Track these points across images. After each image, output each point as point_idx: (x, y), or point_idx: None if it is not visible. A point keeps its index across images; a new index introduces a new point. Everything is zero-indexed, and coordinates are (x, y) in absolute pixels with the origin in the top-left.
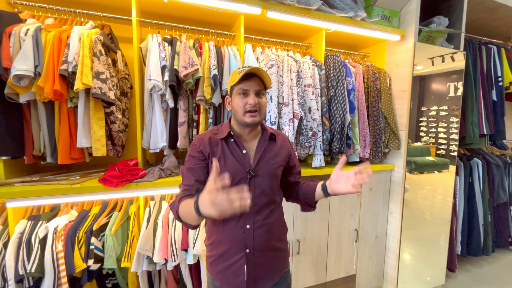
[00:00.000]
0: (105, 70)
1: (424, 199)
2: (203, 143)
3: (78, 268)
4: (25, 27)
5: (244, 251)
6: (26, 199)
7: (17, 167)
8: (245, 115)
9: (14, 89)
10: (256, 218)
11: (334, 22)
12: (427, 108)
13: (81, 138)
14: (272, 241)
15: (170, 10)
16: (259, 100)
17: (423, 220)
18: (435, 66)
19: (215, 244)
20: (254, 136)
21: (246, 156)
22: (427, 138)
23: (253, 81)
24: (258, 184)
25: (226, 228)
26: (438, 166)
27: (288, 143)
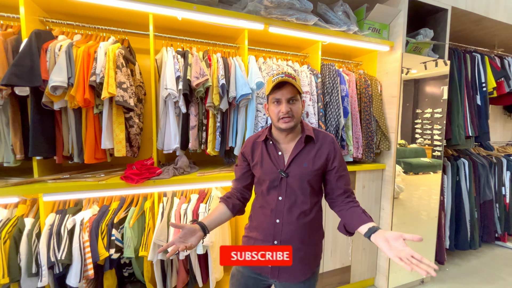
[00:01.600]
0: (126, 80)
1: (417, 198)
2: (247, 146)
3: (102, 256)
4: (58, 44)
5: (272, 242)
6: (58, 194)
7: (47, 166)
8: (279, 122)
9: (50, 98)
10: (286, 215)
11: (329, 35)
12: (422, 110)
13: (105, 140)
14: (299, 242)
15: (182, 25)
16: (291, 107)
17: (415, 217)
18: (428, 70)
19: (251, 228)
20: (292, 139)
21: (281, 157)
22: (422, 140)
23: (285, 89)
24: (289, 184)
25: (261, 219)
26: (433, 167)
27: (331, 144)
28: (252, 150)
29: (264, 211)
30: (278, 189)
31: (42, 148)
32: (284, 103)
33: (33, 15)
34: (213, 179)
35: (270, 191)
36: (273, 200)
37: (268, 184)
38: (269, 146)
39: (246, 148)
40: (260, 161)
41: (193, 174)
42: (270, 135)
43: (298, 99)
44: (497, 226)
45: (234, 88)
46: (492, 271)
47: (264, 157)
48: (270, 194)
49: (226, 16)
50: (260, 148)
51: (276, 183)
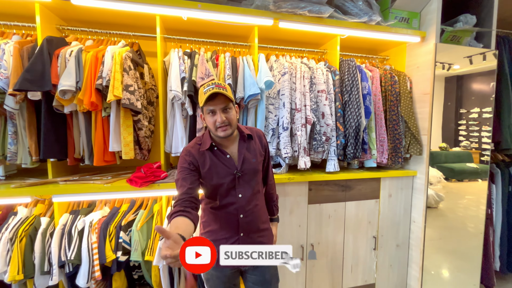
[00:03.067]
0: (133, 83)
1: (464, 209)
2: (192, 155)
3: (109, 258)
4: (69, 49)
5: (238, 235)
6: (67, 195)
7: (60, 167)
8: (217, 131)
9: (60, 101)
10: (247, 209)
11: (347, 28)
12: (467, 110)
13: (113, 143)
14: (258, 224)
15: (191, 26)
16: (226, 116)
17: (458, 231)
18: (475, 64)
19: (211, 232)
20: (233, 141)
21: (230, 160)
22: (468, 143)
23: (218, 100)
24: (245, 181)
25: (223, 220)
26: (481, 173)
27: (263, 138)
28: (200, 159)
29: (227, 210)
30: (236, 188)
31: (53, 151)
32: (219, 113)
33: (50, 23)
34: None
35: (229, 192)
36: (234, 198)
37: (226, 186)
38: (215, 153)
39: (192, 158)
40: (214, 168)
41: None
42: (214, 142)
43: (231, 107)
44: None
45: (242, 88)
46: None
47: (216, 164)
48: (230, 195)
49: (231, 13)
50: (208, 157)
51: (233, 184)
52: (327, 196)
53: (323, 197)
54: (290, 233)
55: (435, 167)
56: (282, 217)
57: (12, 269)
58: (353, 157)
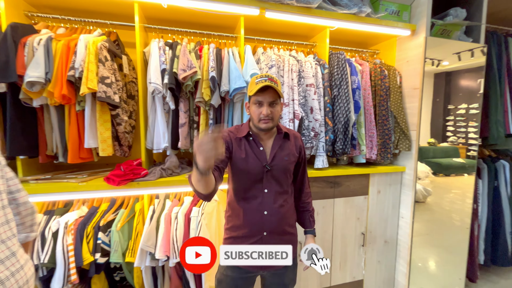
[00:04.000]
0: (110, 75)
1: (451, 203)
2: (229, 136)
3: (86, 261)
4: (38, 37)
5: (262, 233)
6: (39, 195)
7: (32, 166)
8: (259, 122)
9: (28, 94)
10: (272, 206)
11: (336, 19)
12: (455, 106)
13: (88, 139)
14: (284, 226)
15: (173, 15)
16: (272, 110)
17: (445, 225)
18: (463, 61)
19: (235, 228)
20: (270, 136)
21: (263, 152)
22: (455, 138)
23: (267, 93)
24: (273, 176)
25: (246, 214)
26: (467, 168)
27: (300, 141)
28: (235, 143)
29: (251, 205)
30: (262, 182)
31: (21, 147)
32: (266, 106)
33: (16, 9)
34: None
35: (255, 185)
36: (259, 193)
37: (253, 178)
38: (250, 142)
39: (229, 138)
40: (245, 156)
41: (183, 175)
42: (252, 131)
43: (278, 103)
44: None
45: (227, 82)
46: None
47: (248, 152)
48: (255, 188)
49: (214, 1)
50: (243, 144)
51: (260, 176)
52: (316, 193)
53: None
54: None
55: (423, 162)
56: None
57: None
58: (342, 153)
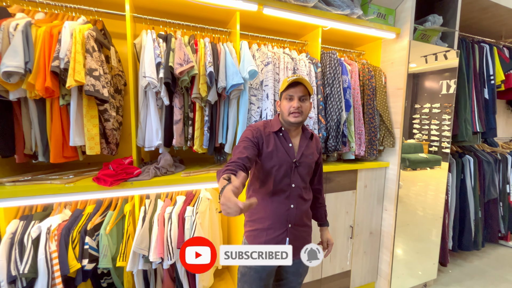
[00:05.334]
0: (98, 67)
1: (417, 195)
2: (259, 131)
3: (73, 268)
4: (14, 22)
5: (287, 226)
6: (17, 199)
7: (8, 166)
8: (289, 116)
9: (3, 86)
10: (298, 200)
11: (330, 19)
12: (420, 105)
13: (74, 136)
14: (305, 219)
15: (165, 5)
16: (301, 104)
17: (415, 216)
18: (429, 64)
19: (259, 220)
20: (297, 134)
21: (291, 149)
22: (420, 135)
23: (298, 88)
24: (300, 172)
25: (273, 207)
26: (430, 162)
27: (319, 143)
28: (266, 138)
29: (278, 199)
30: (290, 177)
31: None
32: (296, 99)
33: None
34: (200, 180)
35: (283, 179)
36: (287, 187)
37: (282, 172)
38: (280, 138)
39: (259, 134)
40: (275, 150)
41: (178, 174)
42: (283, 127)
43: (308, 99)
44: (500, 226)
45: (224, 77)
46: (496, 272)
47: (278, 147)
48: (283, 182)
49: None
50: (273, 139)
51: (289, 171)
52: None
53: None
54: None
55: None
56: None
57: None
58: (334, 149)
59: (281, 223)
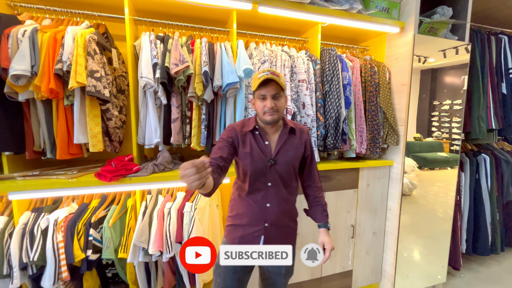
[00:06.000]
0: (100, 69)
1: (435, 195)
2: (235, 131)
3: (77, 258)
4: (22, 29)
5: (263, 224)
6: (26, 192)
7: (20, 162)
8: (265, 115)
9: (13, 88)
10: (276, 199)
11: (328, 15)
12: (440, 102)
13: (78, 134)
14: (285, 219)
15: (164, 7)
16: (276, 102)
17: (429, 217)
18: (448, 58)
19: (238, 215)
20: (276, 130)
21: (268, 147)
22: (439, 134)
23: (270, 86)
24: (277, 170)
25: (250, 204)
26: (451, 162)
27: (307, 135)
28: (242, 138)
29: (254, 198)
30: (266, 176)
31: (7, 143)
32: (269, 98)
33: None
34: None
35: (259, 178)
36: (263, 186)
37: (257, 171)
38: (256, 137)
39: (234, 134)
40: (250, 150)
41: (175, 171)
42: (258, 126)
43: (281, 96)
44: None
45: (219, 76)
46: None
47: (253, 147)
48: (259, 181)
49: None
50: (248, 138)
51: (265, 171)
52: None
53: None
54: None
55: (410, 157)
56: None
57: None
58: (333, 147)
59: (257, 221)
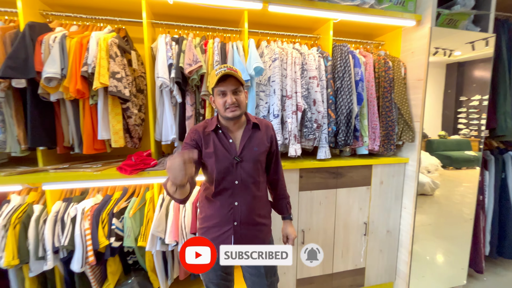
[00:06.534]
0: (121, 70)
1: (461, 196)
2: (197, 133)
3: (102, 244)
4: (53, 35)
5: (232, 223)
6: (57, 183)
7: (52, 156)
8: (226, 111)
9: (45, 89)
10: (244, 196)
11: (339, 11)
12: (467, 97)
13: (101, 131)
14: (254, 216)
15: (179, 10)
16: (236, 97)
17: (451, 218)
18: (477, 51)
19: (207, 218)
20: (239, 127)
21: (232, 144)
22: (467, 131)
23: (229, 82)
24: (243, 167)
25: (217, 205)
26: (479, 161)
27: (271, 130)
28: (204, 138)
29: (221, 197)
30: (233, 174)
31: (41, 139)
32: (230, 94)
33: (32, 9)
34: None
35: (226, 177)
36: (230, 185)
37: (223, 170)
38: (219, 136)
39: (197, 136)
40: (215, 150)
41: None
42: (220, 124)
43: (241, 90)
44: None
45: None
46: None
47: (217, 146)
48: (226, 180)
49: None
50: (212, 138)
51: (231, 169)
52: (318, 183)
53: (314, 184)
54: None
55: (433, 155)
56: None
57: (7, 254)
58: (344, 144)
59: (226, 221)
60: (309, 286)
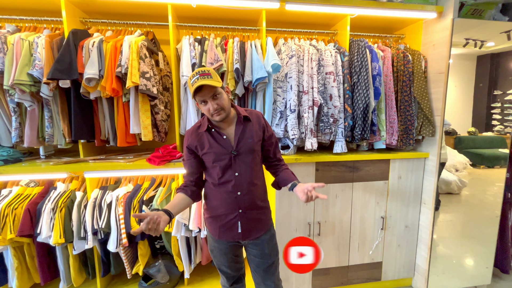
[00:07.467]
0: (149, 70)
1: (494, 196)
2: (190, 139)
3: (133, 228)
4: (92, 40)
5: (237, 211)
6: (96, 172)
7: (90, 148)
8: (213, 116)
9: (86, 88)
10: (244, 186)
11: (356, 6)
12: (503, 91)
13: (133, 126)
14: (256, 202)
15: (201, 13)
16: (217, 102)
17: (477, 217)
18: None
19: (213, 208)
20: (231, 123)
21: (227, 140)
22: (502, 128)
23: (205, 89)
24: (242, 160)
25: (221, 196)
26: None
27: (262, 119)
28: (198, 141)
29: (225, 189)
30: (233, 167)
31: (82, 133)
32: (210, 101)
33: (74, 17)
34: None
35: (226, 170)
36: (231, 177)
37: (223, 165)
38: (213, 134)
39: (191, 141)
40: (211, 149)
41: None
42: (211, 124)
43: (220, 92)
44: None
45: (249, 72)
46: None
47: (213, 145)
48: (227, 174)
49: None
50: (206, 138)
51: (230, 163)
52: (334, 177)
53: (330, 178)
54: (297, 211)
55: (461, 153)
56: (289, 195)
57: (55, 234)
58: (360, 138)
59: (232, 210)
60: (325, 276)
